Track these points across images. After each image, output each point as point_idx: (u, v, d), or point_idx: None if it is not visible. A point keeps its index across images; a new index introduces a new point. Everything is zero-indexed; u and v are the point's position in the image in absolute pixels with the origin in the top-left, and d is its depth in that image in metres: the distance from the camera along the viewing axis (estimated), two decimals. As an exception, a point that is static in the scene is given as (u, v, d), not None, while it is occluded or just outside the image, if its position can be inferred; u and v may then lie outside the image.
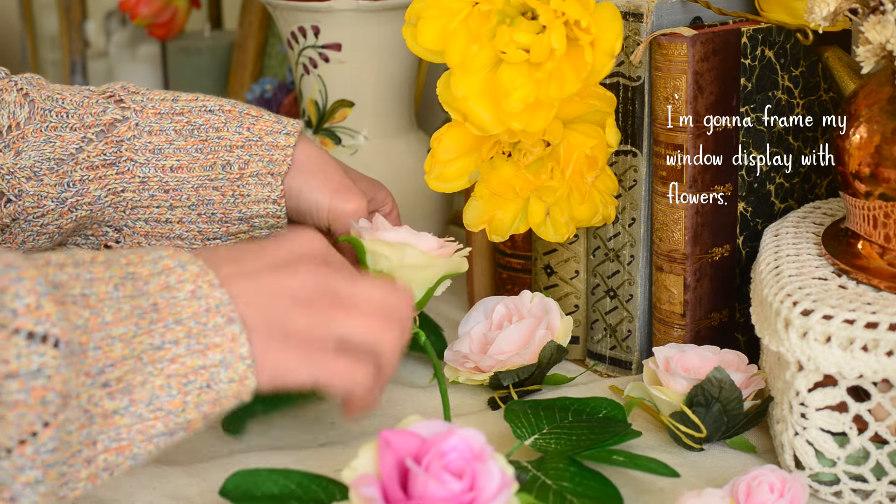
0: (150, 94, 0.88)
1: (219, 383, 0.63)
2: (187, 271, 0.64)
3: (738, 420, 0.78)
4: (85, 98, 0.86)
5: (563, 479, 0.70)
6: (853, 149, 0.76)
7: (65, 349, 0.57)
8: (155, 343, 0.62)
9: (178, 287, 0.63)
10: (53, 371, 0.57)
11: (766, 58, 0.88)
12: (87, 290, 0.61)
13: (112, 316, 0.61)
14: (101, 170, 0.85)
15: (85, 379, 0.59)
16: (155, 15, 1.51)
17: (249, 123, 0.87)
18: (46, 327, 0.57)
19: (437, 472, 0.61)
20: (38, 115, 0.85)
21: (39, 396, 0.56)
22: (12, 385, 0.55)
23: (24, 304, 0.57)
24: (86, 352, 0.59)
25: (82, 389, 0.59)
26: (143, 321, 0.62)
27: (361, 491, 0.61)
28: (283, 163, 0.86)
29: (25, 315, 0.57)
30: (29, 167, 0.84)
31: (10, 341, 0.56)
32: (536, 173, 0.85)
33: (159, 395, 0.61)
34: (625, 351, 0.91)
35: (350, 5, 1.05)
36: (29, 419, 0.56)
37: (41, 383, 0.56)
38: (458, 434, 0.62)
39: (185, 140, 0.86)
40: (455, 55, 0.81)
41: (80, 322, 0.59)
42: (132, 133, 0.85)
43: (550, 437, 0.75)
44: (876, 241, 0.77)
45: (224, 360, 0.63)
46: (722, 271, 0.89)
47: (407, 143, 1.11)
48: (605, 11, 0.80)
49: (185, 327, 0.62)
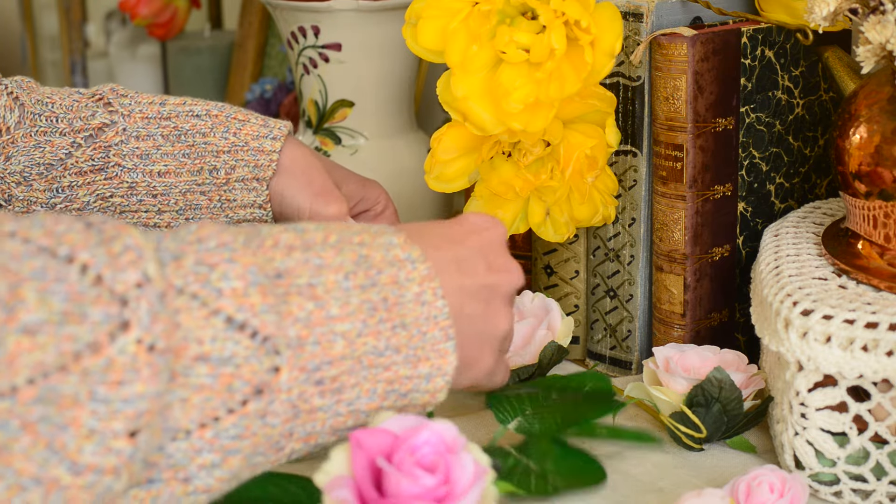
0: (138, 97, 0.87)
1: (415, 393, 0.63)
2: (416, 271, 0.64)
3: (738, 420, 0.78)
4: (74, 102, 0.87)
5: (546, 458, 0.70)
6: (853, 149, 0.76)
7: (260, 342, 0.57)
8: (379, 347, 0.62)
9: (406, 286, 0.63)
10: (243, 361, 0.56)
11: (766, 58, 0.88)
12: (314, 280, 0.60)
13: (339, 310, 0.60)
14: (89, 175, 0.85)
15: (299, 374, 0.59)
16: (155, 15, 1.51)
17: (236, 128, 0.87)
18: (247, 316, 0.56)
19: (409, 469, 0.61)
20: (28, 119, 0.85)
21: (226, 384, 0.56)
22: (202, 368, 0.55)
23: (230, 287, 0.56)
24: (303, 346, 0.59)
25: (294, 385, 0.58)
26: (371, 319, 0.61)
27: (334, 494, 0.61)
28: (269, 168, 0.86)
29: (230, 298, 0.56)
30: (19, 172, 0.84)
31: (207, 321, 0.56)
32: (536, 173, 0.85)
33: (362, 398, 0.62)
34: (625, 351, 0.91)
35: (350, 5, 1.05)
36: (213, 404, 0.56)
37: (230, 370, 0.56)
38: (429, 428, 0.62)
39: (172, 145, 0.86)
40: (455, 55, 0.81)
41: (302, 315, 0.59)
42: (120, 138, 0.85)
43: (534, 418, 0.75)
44: (876, 241, 0.77)
45: (429, 374, 0.63)
46: (722, 271, 0.89)
47: (407, 143, 1.11)
48: (605, 11, 0.80)
49: (409, 333, 0.63)
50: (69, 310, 0.50)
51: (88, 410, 0.50)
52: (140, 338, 0.52)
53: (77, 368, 0.50)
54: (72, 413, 0.50)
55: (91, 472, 0.51)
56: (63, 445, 0.50)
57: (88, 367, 0.50)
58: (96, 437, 0.51)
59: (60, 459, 0.50)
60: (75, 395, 0.50)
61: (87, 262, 0.52)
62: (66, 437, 0.50)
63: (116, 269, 0.52)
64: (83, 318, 0.50)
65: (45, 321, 0.50)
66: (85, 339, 0.50)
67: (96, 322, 0.51)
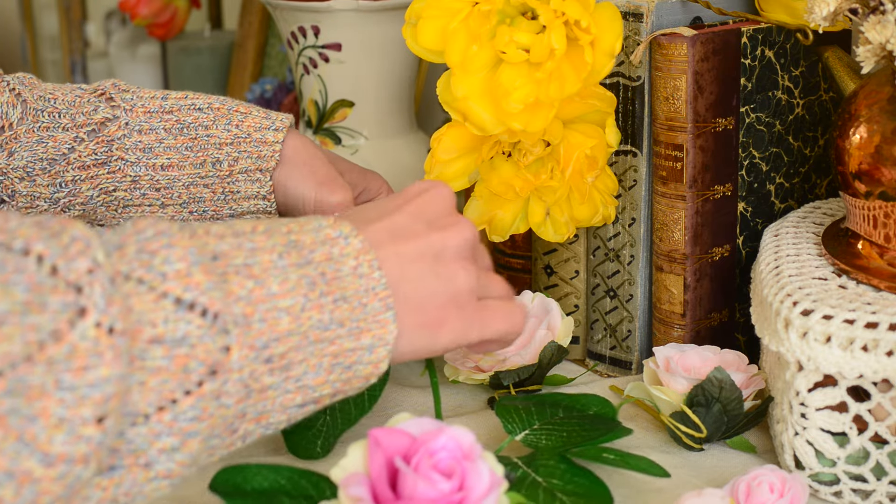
0: (140, 92, 0.88)
1: (358, 365, 0.63)
2: (350, 245, 0.64)
3: (738, 420, 0.78)
4: (77, 97, 0.87)
5: (553, 476, 0.70)
6: (853, 149, 0.76)
7: (211, 319, 0.57)
8: (324, 320, 0.62)
9: (342, 261, 0.63)
10: (197, 340, 0.56)
11: (766, 58, 0.88)
12: (250, 260, 0.61)
13: (279, 286, 0.61)
14: (92, 169, 0.85)
15: (248, 352, 0.59)
16: (155, 15, 1.51)
17: (238, 120, 0.87)
18: (195, 295, 0.57)
19: (426, 472, 0.61)
20: (31, 115, 0.85)
21: (182, 364, 0.56)
22: (157, 351, 0.55)
23: (174, 269, 0.57)
24: (250, 324, 0.59)
25: (245, 363, 0.58)
26: (312, 293, 0.62)
27: (350, 490, 0.61)
28: (272, 158, 0.86)
29: (175, 280, 0.56)
30: (22, 168, 0.85)
31: (157, 304, 0.56)
32: (536, 173, 0.85)
33: (309, 373, 0.62)
34: (625, 351, 0.91)
35: (350, 5, 1.05)
36: (170, 386, 0.56)
37: (184, 351, 0.56)
38: (447, 433, 0.62)
39: (174, 138, 0.86)
40: (455, 55, 0.81)
41: (243, 293, 0.59)
42: (122, 132, 0.85)
43: (541, 433, 0.75)
44: (876, 241, 0.77)
45: (371, 345, 0.64)
46: (722, 271, 0.89)
47: (407, 143, 1.11)
48: (605, 11, 0.80)
49: (350, 306, 0.63)
50: (30, 300, 0.51)
51: (56, 399, 0.51)
52: (99, 321, 0.52)
53: (42, 358, 0.50)
54: (40, 403, 0.50)
55: (62, 462, 0.51)
56: (34, 437, 0.50)
57: (53, 356, 0.51)
58: (66, 426, 0.51)
59: (32, 451, 0.50)
60: (42, 385, 0.50)
61: (41, 253, 0.52)
62: (35, 429, 0.50)
63: (68, 259, 0.53)
64: (44, 307, 0.51)
65: (9, 311, 0.50)
66: (47, 327, 0.51)
67: (56, 311, 0.51)
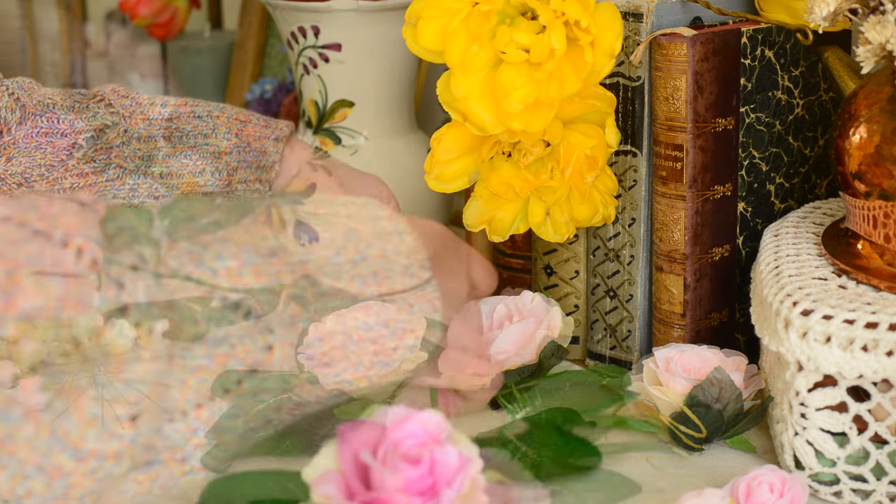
0: (139, 98, 0.88)
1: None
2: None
3: (738, 420, 0.78)
4: (76, 103, 0.87)
5: (545, 447, 0.70)
6: (853, 149, 0.76)
7: (253, 320, 0.57)
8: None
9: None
10: (237, 341, 0.56)
11: (766, 58, 0.88)
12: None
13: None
14: (90, 177, 0.85)
15: (289, 350, 0.60)
16: (155, 15, 1.51)
17: (238, 129, 0.87)
18: (242, 296, 0.57)
19: (392, 463, 0.61)
20: (30, 120, 0.85)
21: (222, 363, 0.56)
22: (198, 350, 0.55)
23: (224, 267, 0.57)
24: (294, 324, 0.60)
25: (285, 361, 0.59)
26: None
27: (320, 489, 0.60)
28: (272, 169, 0.86)
29: (225, 277, 0.57)
30: (20, 173, 0.84)
31: (203, 301, 0.56)
32: (536, 173, 0.85)
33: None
34: (625, 351, 0.91)
35: (350, 5, 1.05)
36: (209, 385, 0.56)
37: (224, 351, 0.56)
38: (414, 419, 0.62)
39: (173, 147, 0.86)
40: (455, 55, 0.81)
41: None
42: (121, 139, 0.85)
43: (542, 409, 0.75)
44: (876, 241, 0.77)
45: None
46: (722, 271, 0.89)
47: (407, 143, 1.11)
48: (605, 11, 0.80)
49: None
50: (67, 295, 0.51)
51: (90, 396, 0.51)
52: (138, 321, 0.52)
53: (77, 354, 0.50)
54: (74, 400, 0.50)
55: (93, 457, 0.51)
56: (66, 432, 0.51)
57: (88, 353, 0.51)
58: (98, 423, 0.51)
59: (63, 447, 0.51)
60: (76, 382, 0.50)
61: (81, 247, 0.52)
62: (68, 424, 0.50)
63: (111, 252, 0.53)
64: (81, 303, 0.51)
65: (44, 307, 0.50)
66: (84, 324, 0.51)
67: (95, 307, 0.51)
